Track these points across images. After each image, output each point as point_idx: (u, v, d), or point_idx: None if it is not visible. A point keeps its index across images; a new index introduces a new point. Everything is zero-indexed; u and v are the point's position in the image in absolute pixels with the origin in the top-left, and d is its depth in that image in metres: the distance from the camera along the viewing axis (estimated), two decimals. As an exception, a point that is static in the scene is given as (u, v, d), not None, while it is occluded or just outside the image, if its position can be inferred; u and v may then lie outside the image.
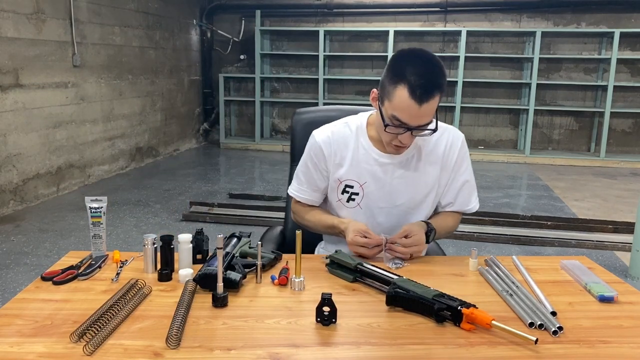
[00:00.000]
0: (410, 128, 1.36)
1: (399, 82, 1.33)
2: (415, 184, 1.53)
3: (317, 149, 1.55)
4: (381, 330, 1.05)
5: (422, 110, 1.32)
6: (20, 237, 3.76)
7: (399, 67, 1.35)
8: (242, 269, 1.24)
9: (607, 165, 6.88)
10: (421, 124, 1.36)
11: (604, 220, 4.24)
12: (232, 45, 7.87)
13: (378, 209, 1.54)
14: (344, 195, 1.55)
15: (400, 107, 1.33)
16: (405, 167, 1.51)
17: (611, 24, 6.91)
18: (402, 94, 1.32)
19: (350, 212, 1.55)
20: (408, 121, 1.34)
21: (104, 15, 5.51)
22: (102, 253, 1.39)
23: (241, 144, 7.79)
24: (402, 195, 1.53)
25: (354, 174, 1.53)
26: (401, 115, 1.34)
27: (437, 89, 1.32)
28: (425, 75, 1.32)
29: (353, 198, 1.54)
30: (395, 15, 7.35)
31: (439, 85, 1.33)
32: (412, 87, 1.30)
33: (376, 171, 1.51)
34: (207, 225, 4.03)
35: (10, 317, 1.07)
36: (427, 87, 1.31)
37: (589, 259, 1.46)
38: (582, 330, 1.06)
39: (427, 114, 1.35)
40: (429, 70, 1.33)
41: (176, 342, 0.97)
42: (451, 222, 1.60)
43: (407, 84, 1.31)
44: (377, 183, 1.52)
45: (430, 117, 1.37)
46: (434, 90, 1.31)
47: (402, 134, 1.38)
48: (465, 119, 7.46)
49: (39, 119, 4.62)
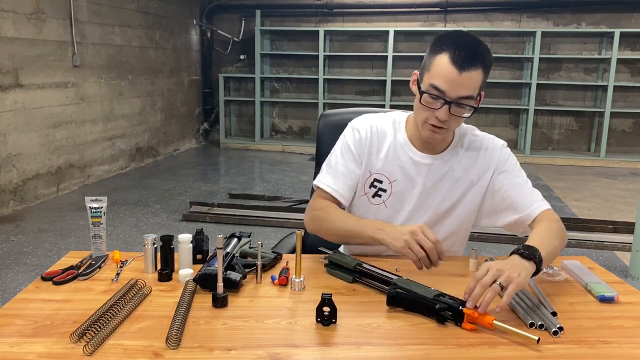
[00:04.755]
0: (448, 100, 1.25)
1: (440, 52, 1.26)
2: (447, 190, 1.43)
3: (356, 137, 1.45)
4: (381, 331, 1.05)
5: (462, 79, 1.23)
6: (20, 237, 3.76)
7: (441, 40, 1.28)
8: (242, 269, 1.23)
9: (607, 165, 6.88)
10: (461, 96, 1.25)
11: (604, 220, 4.24)
12: (232, 45, 7.87)
13: (403, 211, 1.44)
14: (370, 190, 1.44)
15: (439, 74, 1.25)
16: (440, 170, 1.42)
17: (611, 24, 6.91)
18: (443, 60, 1.25)
19: (372, 210, 1.45)
20: (446, 89, 1.25)
21: (104, 15, 5.51)
22: (102, 253, 1.39)
23: (241, 144, 7.79)
24: (431, 200, 1.43)
25: (385, 169, 1.43)
26: (439, 83, 1.25)
27: (480, 60, 1.25)
28: (468, 45, 1.26)
29: (379, 194, 1.44)
30: (395, 15, 7.35)
31: (483, 57, 1.26)
32: (454, 53, 1.24)
33: (409, 170, 1.42)
34: (207, 225, 4.03)
35: (10, 317, 1.07)
36: (470, 55, 1.24)
37: (589, 259, 1.46)
38: (582, 331, 1.06)
39: (468, 85, 1.25)
40: (473, 41, 1.28)
41: (176, 342, 0.97)
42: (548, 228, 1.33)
43: (448, 51, 1.24)
44: (408, 183, 1.43)
45: (472, 92, 1.27)
46: (476, 60, 1.24)
47: (439, 108, 1.27)
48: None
49: (39, 119, 4.62)
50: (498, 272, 1.08)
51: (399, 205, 1.44)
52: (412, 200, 1.44)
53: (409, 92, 7.85)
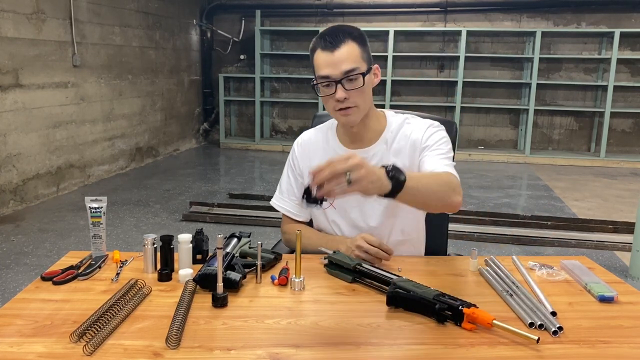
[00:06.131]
0: (336, 80, 1.35)
1: (314, 50, 1.39)
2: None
3: (293, 154, 1.60)
4: (381, 330, 1.05)
5: (336, 57, 1.35)
6: (20, 237, 3.76)
7: (313, 42, 1.41)
8: (242, 269, 1.23)
9: (607, 165, 6.88)
10: (344, 71, 1.35)
11: (604, 220, 4.24)
12: (232, 45, 7.87)
13: (350, 207, 1.51)
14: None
15: (319, 64, 1.38)
16: (371, 161, 1.47)
17: (611, 24, 6.91)
18: (317, 53, 1.38)
19: (326, 214, 1.54)
20: (330, 72, 1.35)
21: (104, 15, 5.51)
22: (102, 253, 1.39)
23: (241, 144, 7.79)
24: None
25: None
26: (322, 71, 1.37)
27: (345, 35, 1.36)
28: (331, 30, 1.39)
29: (325, 198, 1.51)
30: (395, 15, 7.35)
31: (348, 32, 1.37)
32: (321, 42, 1.37)
33: None
34: (207, 225, 4.03)
35: (10, 317, 1.07)
36: (333, 36, 1.36)
37: (589, 259, 1.46)
38: (582, 331, 1.06)
39: (345, 59, 1.35)
40: (335, 26, 1.41)
41: (176, 342, 0.97)
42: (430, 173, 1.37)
43: (317, 44, 1.38)
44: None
45: (353, 64, 1.36)
46: (341, 37, 1.36)
47: (333, 93, 1.37)
48: (465, 119, 7.46)
49: (39, 119, 4.62)
50: (355, 167, 1.04)
51: (345, 203, 1.51)
52: (354, 194, 1.46)
53: (409, 92, 7.88)
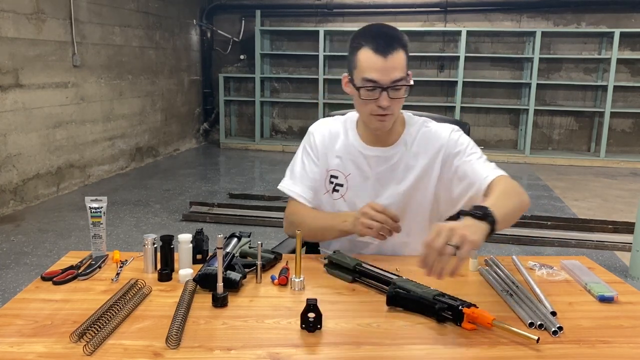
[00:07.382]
0: (383, 86, 1.33)
1: (360, 47, 1.35)
2: (400, 178, 1.48)
3: (312, 141, 1.58)
4: (381, 330, 1.05)
5: (389, 63, 1.32)
6: (20, 237, 3.76)
7: (358, 37, 1.38)
8: (242, 269, 1.23)
9: (607, 165, 6.88)
10: (393, 79, 1.33)
11: (604, 220, 4.24)
12: (232, 45, 7.87)
13: (361, 201, 1.47)
14: (330, 186, 1.54)
15: (367, 66, 1.34)
16: (390, 160, 1.48)
17: (611, 24, 6.91)
18: (366, 53, 1.34)
19: (335, 205, 1.53)
20: (379, 78, 1.33)
21: (104, 15, 5.51)
22: (102, 253, 1.39)
23: (241, 144, 7.79)
24: (385, 190, 1.49)
25: (340, 165, 1.53)
26: (371, 74, 1.33)
27: (398, 42, 1.34)
28: (382, 31, 1.36)
29: (337, 189, 1.53)
30: (395, 15, 7.35)
31: (400, 39, 1.35)
32: (374, 44, 1.33)
33: (361, 163, 1.50)
34: (207, 225, 4.03)
35: (10, 317, 1.07)
36: (388, 40, 1.33)
37: (589, 259, 1.46)
38: (582, 330, 1.06)
39: (396, 68, 1.33)
40: (386, 27, 1.38)
41: (176, 342, 0.97)
42: (501, 190, 1.29)
43: (368, 44, 1.34)
44: (360, 175, 1.50)
45: (401, 73, 1.35)
46: (395, 43, 1.33)
47: (378, 97, 1.35)
48: (465, 119, 7.45)
49: (39, 119, 4.62)
50: (450, 233, 1.02)
51: (356, 198, 1.51)
52: (367, 190, 1.50)
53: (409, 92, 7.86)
